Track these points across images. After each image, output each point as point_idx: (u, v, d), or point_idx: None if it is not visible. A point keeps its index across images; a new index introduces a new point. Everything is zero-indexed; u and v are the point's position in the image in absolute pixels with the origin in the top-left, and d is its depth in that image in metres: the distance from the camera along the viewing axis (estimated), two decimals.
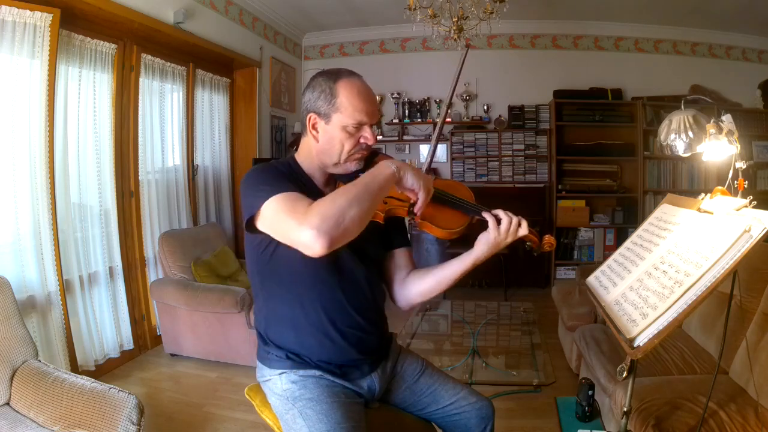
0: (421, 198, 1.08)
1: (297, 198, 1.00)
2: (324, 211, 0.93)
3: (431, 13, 3.33)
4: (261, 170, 1.13)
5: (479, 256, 1.19)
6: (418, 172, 1.09)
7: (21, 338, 1.79)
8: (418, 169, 1.10)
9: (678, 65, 4.89)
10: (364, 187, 0.99)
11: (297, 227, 0.94)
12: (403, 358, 1.35)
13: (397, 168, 1.05)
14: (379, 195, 1.02)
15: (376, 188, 1.00)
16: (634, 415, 1.51)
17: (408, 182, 1.07)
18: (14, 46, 2.24)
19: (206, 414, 2.39)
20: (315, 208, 0.95)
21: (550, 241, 1.23)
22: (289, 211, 0.97)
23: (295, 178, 1.15)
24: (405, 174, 1.06)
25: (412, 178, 1.07)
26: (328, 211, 0.93)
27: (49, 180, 2.41)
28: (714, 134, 1.62)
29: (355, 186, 0.99)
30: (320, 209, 0.94)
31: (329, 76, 1.14)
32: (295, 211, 0.96)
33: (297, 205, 0.98)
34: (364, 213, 0.97)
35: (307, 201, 0.99)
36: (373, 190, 1.00)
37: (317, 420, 1.09)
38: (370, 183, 1.01)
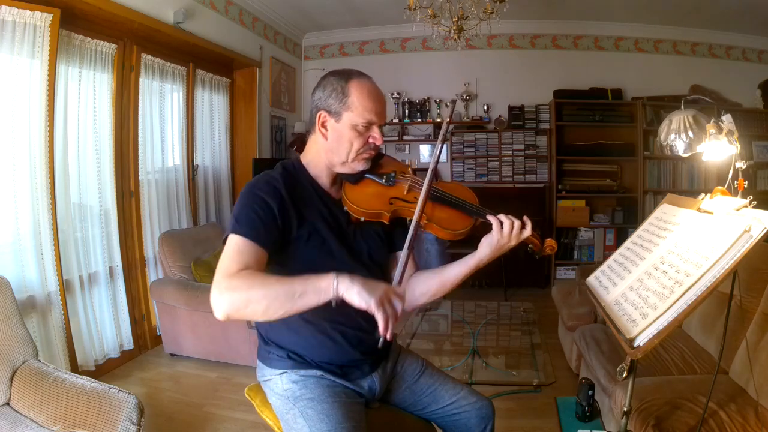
0: (378, 318, 0.92)
1: (244, 251, 1.02)
2: (235, 292, 0.95)
3: (431, 13, 3.33)
4: (252, 193, 1.10)
5: (482, 258, 1.19)
6: (371, 286, 0.95)
7: (21, 338, 1.79)
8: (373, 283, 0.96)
9: (678, 65, 4.89)
10: (289, 290, 0.94)
11: (215, 283, 0.97)
12: (403, 358, 1.36)
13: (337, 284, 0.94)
14: (298, 304, 0.94)
15: (298, 297, 0.94)
16: (634, 415, 1.51)
17: (354, 300, 0.93)
18: (14, 46, 2.24)
19: (206, 414, 2.39)
20: (237, 281, 0.96)
21: (551, 245, 1.24)
22: (226, 260, 1.01)
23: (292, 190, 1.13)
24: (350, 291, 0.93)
25: (360, 295, 0.93)
26: (240, 293, 0.95)
27: (49, 180, 2.41)
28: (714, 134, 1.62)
29: (283, 285, 0.95)
30: (237, 285, 0.96)
31: (341, 75, 1.15)
32: (227, 266, 0.99)
33: (235, 261, 1.00)
34: (269, 312, 0.96)
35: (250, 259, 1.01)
36: (294, 297, 0.94)
37: (318, 420, 1.09)
38: (298, 289, 0.94)
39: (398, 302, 0.96)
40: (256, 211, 1.07)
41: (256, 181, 1.14)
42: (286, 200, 1.11)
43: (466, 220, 1.22)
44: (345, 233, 1.19)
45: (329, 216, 1.17)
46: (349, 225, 1.20)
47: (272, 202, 1.09)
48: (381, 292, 0.94)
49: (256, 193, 1.10)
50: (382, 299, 0.93)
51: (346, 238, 1.19)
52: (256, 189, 1.11)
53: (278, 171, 1.18)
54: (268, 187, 1.11)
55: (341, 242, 1.17)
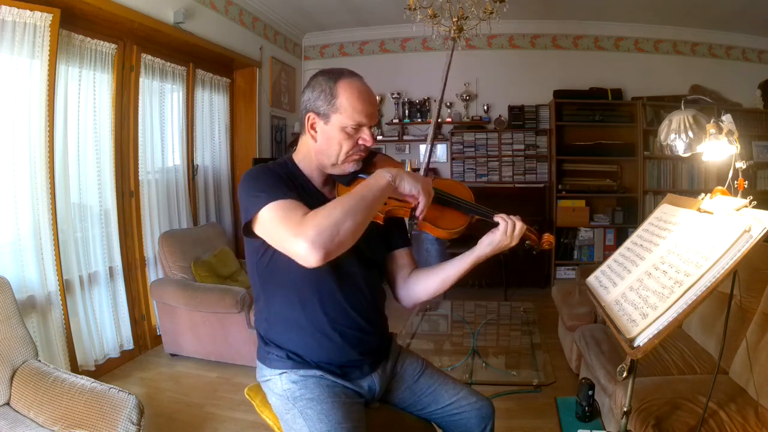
0: (422, 202, 1.08)
1: (293, 206, 0.99)
2: (319, 223, 0.93)
3: (431, 13, 3.33)
4: (258, 173, 1.12)
5: (480, 256, 1.19)
6: (415, 176, 1.09)
7: (21, 338, 1.79)
8: (415, 174, 1.10)
9: (678, 65, 4.89)
10: (360, 198, 0.98)
11: (292, 238, 0.93)
12: (403, 358, 1.36)
13: (393, 176, 1.04)
14: (375, 206, 1.01)
15: (372, 199, 1.00)
16: (634, 415, 1.51)
17: (406, 189, 1.06)
18: (14, 46, 2.24)
19: (206, 414, 2.39)
20: (311, 219, 0.94)
21: (549, 240, 1.24)
22: (285, 220, 0.97)
23: (292, 180, 1.15)
24: (402, 181, 1.06)
25: (410, 183, 1.06)
26: (324, 223, 0.93)
27: (49, 180, 2.41)
28: (714, 134, 1.62)
29: (352, 197, 0.98)
30: (316, 221, 0.93)
31: (330, 75, 1.13)
32: (291, 221, 0.96)
33: (293, 214, 0.97)
34: (359, 224, 0.96)
35: (303, 209, 0.98)
36: (369, 201, 0.99)
37: (318, 420, 1.09)
38: (367, 194, 1.00)
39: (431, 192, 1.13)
40: (276, 179, 1.09)
41: (257, 166, 1.15)
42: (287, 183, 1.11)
43: (462, 218, 1.21)
44: None
45: None
46: None
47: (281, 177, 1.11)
48: (423, 182, 1.09)
49: (263, 170, 1.13)
50: (425, 187, 1.09)
51: None
52: (262, 167, 1.14)
53: (275, 163, 1.19)
54: (270, 170, 1.14)
55: None
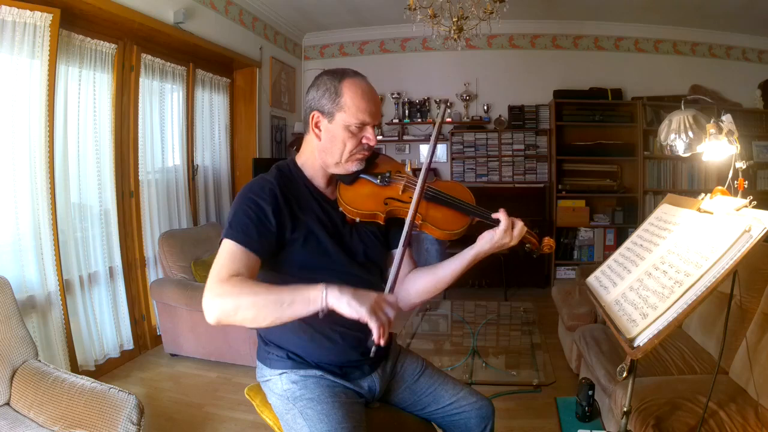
0: (372, 326, 0.92)
1: (237, 258, 1.02)
2: (227, 297, 0.96)
3: (431, 13, 3.32)
4: (248, 198, 1.10)
5: (480, 252, 1.19)
6: (363, 297, 0.94)
7: (21, 338, 1.79)
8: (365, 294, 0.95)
9: (678, 65, 4.89)
10: (277, 299, 0.95)
11: (207, 288, 0.98)
12: (403, 358, 1.36)
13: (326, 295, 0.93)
14: (286, 313, 0.95)
15: (287, 306, 0.95)
16: (634, 415, 1.51)
17: (344, 311, 0.93)
18: (14, 46, 2.24)
19: (206, 414, 2.39)
20: (228, 287, 0.97)
21: (549, 243, 1.24)
22: (218, 265, 1.01)
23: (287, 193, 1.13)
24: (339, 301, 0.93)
25: (352, 306, 0.92)
26: (230, 299, 0.96)
27: (49, 180, 2.41)
28: (714, 134, 1.62)
29: (272, 293, 0.96)
30: (228, 290, 0.96)
31: (334, 75, 1.14)
32: (219, 271, 1.00)
33: (227, 266, 1.01)
34: (257, 320, 0.97)
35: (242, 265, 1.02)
36: (283, 306, 0.95)
37: (318, 420, 1.09)
38: (286, 299, 0.95)
39: (390, 309, 0.97)
40: (250, 216, 1.07)
41: (251, 185, 1.14)
42: (280, 202, 1.11)
43: (462, 219, 1.21)
44: (341, 234, 1.19)
45: (324, 217, 1.17)
46: (344, 225, 1.20)
47: (266, 206, 1.09)
48: (372, 300, 0.94)
49: (250, 197, 1.10)
50: (373, 308, 0.93)
51: (341, 238, 1.19)
52: (250, 193, 1.11)
53: (273, 173, 1.18)
54: (262, 191, 1.11)
55: (337, 243, 1.17)
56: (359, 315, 0.92)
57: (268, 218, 1.08)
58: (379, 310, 0.94)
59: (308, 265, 1.14)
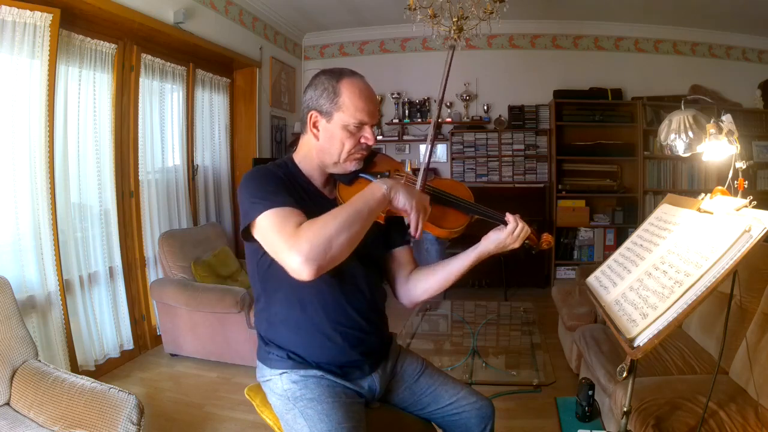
0: (413, 218, 1.06)
1: (289, 215, 1.00)
2: (313, 238, 0.93)
3: (431, 13, 3.32)
4: (258, 176, 1.11)
5: (484, 252, 1.20)
6: (411, 190, 1.08)
7: (21, 338, 1.79)
8: (411, 187, 1.09)
9: (678, 65, 4.89)
10: (354, 211, 0.99)
11: (287, 251, 0.94)
12: (403, 358, 1.35)
13: (388, 189, 1.04)
14: (369, 219, 1.01)
15: (366, 213, 1.00)
16: (634, 415, 1.51)
17: (400, 203, 1.05)
18: (14, 46, 2.24)
19: (206, 414, 2.39)
20: (305, 232, 0.95)
21: (548, 240, 1.25)
22: (280, 231, 0.98)
23: (292, 182, 1.15)
24: (397, 194, 1.05)
25: (404, 198, 1.05)
26: (317, 237, 0.93)
27: (49, 180, 2.41)
28: (714, 134, 1.62)
29: (346, 210, 0.99)
30: (310, 235, 0.94)
31: (332, 74, 1.14)
32: (285, 232, 0.97)
33: (288, 224, 0.98)
34: (353, 239, 0.97)
35: (299, 218, 0.99)
36: (363, 214, 0.99)
37: (318, 420, 1.09)
38: (361, 207, 1.00)
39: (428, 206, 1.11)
40: (270, 185, 1.07)
41: (255, 169, 1.15)
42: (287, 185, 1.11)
43: (462, 217, 1.21)
44: None
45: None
46: None
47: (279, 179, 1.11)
48: (418, 197, 1.08)
49: (263, 173, 1.12)
50: (419, 203, 1.07)
51: None
52: (262, 170, 1.13)
53: (275, 165, 1.19)
54: (268, 171, 1.13)
55: None
56: (410, 206, 1.05)
57: (285, 186, 1.09)
58: (420, 207, 1.07)
59: None
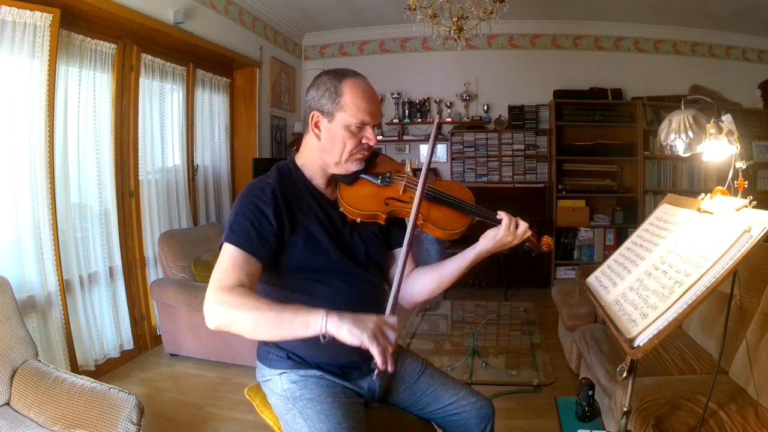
0: (374, 351, 0.89)
1: (242, 264, 1.03)
2: (229, 309, 0.97)
3: (431, 13, 3.32)
4: (248, 200, 1.10)
5: (482, 251, 1.19)
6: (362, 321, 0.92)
7: (21, 338, 1.78)
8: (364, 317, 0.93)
9: (678, 65, 4.89)
10: (276, 318, 0.95)
11: (211, 293, 1.00)
12: (403, 358, 1.35)
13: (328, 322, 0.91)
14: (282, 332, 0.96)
15: (285, 327, 0.95)
16: (634, 415, 1.51)
17: (345, 338, 0.90)
18: (14, 46, 2.24)
19: (206, 414, 2.39)
20: (231, 297, 0.98)
21: (548, 242, 1.24)
22: (223, 273, 1.02)
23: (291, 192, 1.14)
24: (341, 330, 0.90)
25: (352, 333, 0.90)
26: (229, 313, 0.97)
27: (49, 180, 2.41)
28: (714, 134, 1.62)
29: (271, 311, 0.96)
30: (230, 303, 0.97)
31: (334, 75, 1.14)
32: (224, 280, 1.01)
33: (232, 274, 1.02)
34: (255, 334, 0.99)
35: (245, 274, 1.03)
36: (282, 326, 0.95)
37: (318, 420, 1.09)
38: (285, 321, 0.95)
39: (391, 333, 0.94)
40: (251, 220, 1.07)
41: (251, 187, 1.14)
42: (280, 203, 1.11)
43: (462, 219, 1.21)
44: (341, 234, 1.19)
45: (324, 217, 1.17)
46: (345, 226, 1.20)
47: (267, 208, 1.09)
48: (372, 325, 0.91)
49: (251, 200, 1.11)
50: (374, 332, 0.90)
51: (342, 238, 1.19)
52: (250, 195, 1.12)
53: (273, 175, 1.18)
54: (262, 193, 1.11)
55: (337, 243, 1.17)
56: (360, 342, 0.89)
57: (269, 220, 1.08)
58: (379, 335, 0.91)
59: (308, 266, 1.14)
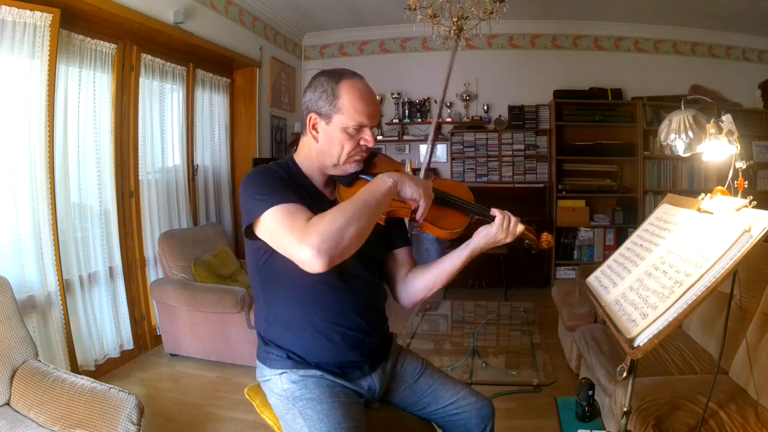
0: (422, 206, 1.11)
1: (296, 210, 1.00)
2: (323, 231, 0.94)
3: (431, 13, 3.32)
4: (261, 174, 1.12)
5: (476, 248, 1.20)
6: (416, 180, 1.11)
7: (21, 338, 1.79)
8: (416, 178, 1.13)
9: (678, 65, 4.89)
10: (363, 204, 1.00)
11: (297, 245, 0.94)
12: (403, 358, 1.35)
13: (394, 181, 1.08)
14: (378, 210, 1.04)
15: (374, 205, 1.02)
16: (634, 415, 1.51)
17: (408, 193, 1.10)
18: (14, 46, 2.24)
19: (206, 414, 2.39)
20: (315, 226, 0.95)
21: (547, 239, 1.24)
22: (289, 226, 0.97)
23: (294, 182, 1.15)
24: (404, 185, 1.09)
25: (411, 188, 1.09)
26: (328, 230, 0.94)
27: (49, 180, 2.41)
28: (714, 134, 1.62)
29: (354, 202, 1.00)
30: (320, 228, 0.94)
31: (331, 76, 1.13)
32: (294, 227, 0.97)
33: (296, 220, 0.98)
34: (362, 230, 0.98)
35: (307, 214, 0.99)
36: (371, 206, 1.01)
37: (318, 420, 1.09)
38: (369, 199, 1.02)
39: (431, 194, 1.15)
40: (273, 183, 1.08)
41: (256, 169, 1.15)
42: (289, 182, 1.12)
43: (462, 218, 1.21)
44: None
45: None
46: None
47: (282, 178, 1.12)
48: (424, 186, 1.12)
49: (266, 171, 1.13)
50: (426, 191, 1.12)
51: None
52: (264, 169, 1.14)
53: (276, 164, 1.19)
54: (269, 169, 1.14)
55: None
56: (418, 195, 1.10)
57: (288, 184, 1.10)
58: (427, 195, 1.12)
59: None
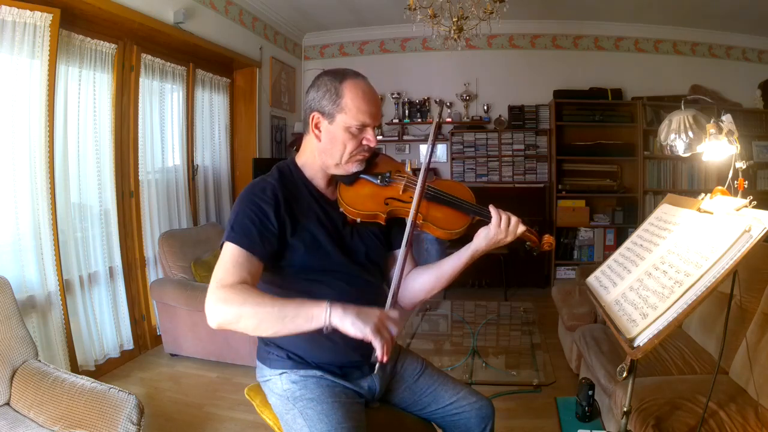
0: (376, 345, 0.92)
1: (243, 262, 1.03)
2: (231, 307, 0.97)
3: (431, 13, 3.32)
4: (249, 198, 1.11)
5: (477, 250, 1.19)
6: (366, 315, 0.94)
7: (21, 338, 1.78)
8: (372, 312, 0.95)
9: (678, 65, 4.89)
10: (279, 313, 0.95)
11: (212, 290, 0.99)
12: (403, 358, 1.35)
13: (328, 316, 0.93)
14: (286, 328, 0.96)
15: (289, 322, 0.96)
16: (634, 415, 1.51)
17: (349, 331, 0.92)
18: (14, 46, 2.24)
19: (206, 414, 2.39)
20: (233, 294, 0.97)
21: (549, 241, 1.24)
22: (222, 270, 1.02)
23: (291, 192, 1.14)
24: (345, 323, 0.92)
25: (356, 326, 0.92)
26: (232, 310, 0.97)
27: (49, 180, 2.41)
28: (714, 134, 1.62)
29: (274, 306, 0.96)
30: (232, 300, 0.97)
31: (335, 76, 1.14)
32: (224, 277, 1.01)
33: (230, 272, 1.01)
34: (259, 330, 0.99)
35: (247, 272, 1.02)
36: (285, 321, 0.96)
37: (318, 420, 1.09)
38: (289, 315, 0.95)
39: (393, 327, 0.96)
40: (252, 219, 1.07)
41: (252, 187, 1.14)
42: (281, 203, 1.11)
43: (463, 218, 1.21)
44: (341, 234, 1.19)
45: (325, 218, 1.17)
46: (345, 226, 1.20)
47: (268, 208, 1.09)
48: (375, 319, 0.94)
49: (252, 199, 1.11)
50: (377, 326, 0.93)
51: (342, 239, 1.19)
52: (252, 195, 1.12)
53: (274, 175, 1.18)
54: (263, 192, 1.11)
55: (337, 244, 1.17)
56: (363, 334, 0.92)
57: (269, 220, 1.08)
58: (382, 328, 0.93)
59: (309, 266, 1.14)
